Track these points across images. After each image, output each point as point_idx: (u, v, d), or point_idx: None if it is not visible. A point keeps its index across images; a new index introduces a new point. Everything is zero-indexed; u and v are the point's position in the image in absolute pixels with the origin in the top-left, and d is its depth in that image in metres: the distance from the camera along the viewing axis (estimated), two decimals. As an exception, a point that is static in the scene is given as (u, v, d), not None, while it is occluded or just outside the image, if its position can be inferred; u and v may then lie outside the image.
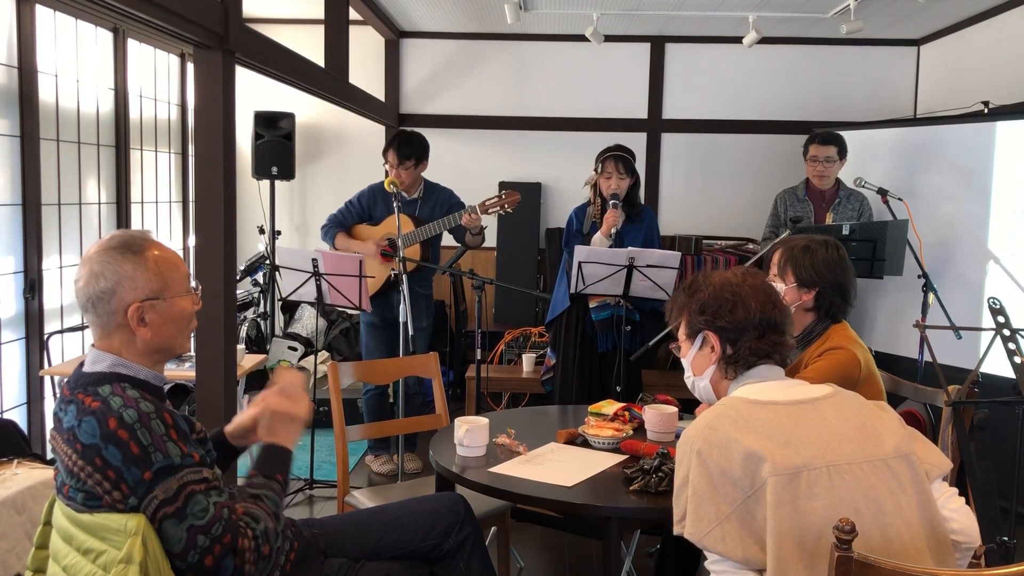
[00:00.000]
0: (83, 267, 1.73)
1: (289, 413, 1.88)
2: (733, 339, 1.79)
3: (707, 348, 1.84)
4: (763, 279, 1.87)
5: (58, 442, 1.68)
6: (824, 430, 1.62)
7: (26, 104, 4.02)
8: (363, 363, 3.31)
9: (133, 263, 1.71)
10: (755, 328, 1.78)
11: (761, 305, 1.79)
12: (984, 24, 5.17)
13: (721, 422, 1.63)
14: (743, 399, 1.70)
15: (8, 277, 4.02)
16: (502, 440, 2.49)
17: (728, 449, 1.58)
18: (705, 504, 1.56)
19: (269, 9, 5.91)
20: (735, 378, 1.81)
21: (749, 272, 1.88)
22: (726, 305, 1.80)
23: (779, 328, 1.80)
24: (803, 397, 1.70)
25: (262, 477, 1.80)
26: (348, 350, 5.76)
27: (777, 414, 1.64)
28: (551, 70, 6.25)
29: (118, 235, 1.76)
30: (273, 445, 1.86)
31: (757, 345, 1.78)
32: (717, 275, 1.88)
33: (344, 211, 4.31)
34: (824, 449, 1.58)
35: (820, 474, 1.55)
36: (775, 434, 1.60)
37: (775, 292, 1.85)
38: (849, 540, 1.33)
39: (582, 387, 4.00)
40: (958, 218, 4.48)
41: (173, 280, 1.75)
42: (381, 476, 4.43)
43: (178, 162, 5.77)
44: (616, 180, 3.86)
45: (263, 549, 1.67)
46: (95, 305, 1.71)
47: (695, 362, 1.88)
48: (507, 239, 6.14)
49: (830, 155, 4.43)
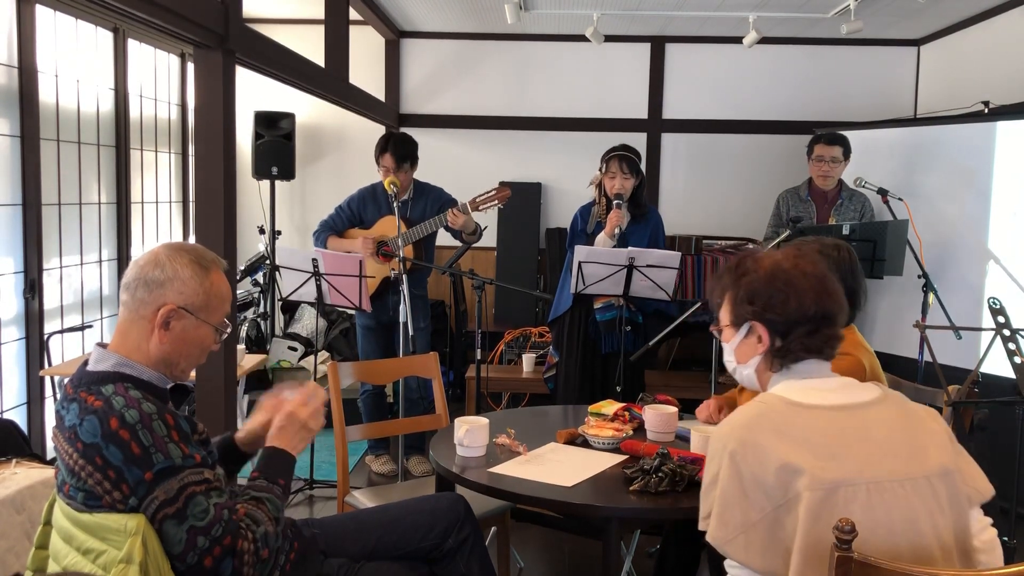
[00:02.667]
0: (150, 252, 1.78)
1: (306, 422, 1.91)
2: (783, 332, 1.65)
3: (753, 338, 1.69)
4: (817, 262, 1.71)
5: (59, 440, 1.68)
6: (868, 441, 1.53)
7: (26, 104, 4.02)
8: (363, 363, 3.31)
9: (193, 272, 1.75)
10: (809, 322, 1.64)
11: (817, 296, 1.64)
12: (984, 24, 5.17)
13: (759, 424, 1.54)
14: (785, 400, 1.60)
15: (8, 277, 4.02)
16: (502, 440, 2.49)
17: (763, 455, 1.50)
18: (732, 509, 1.50)
19: (269, 9, 5.91)
20: (780, 370, 1.68)
21: (802, 254, 1.72)
22: (778, 296, 1.65)
23: (833, 320, 1.67)
24: (849, 401, 1.59)
25: (265, 480, 1.81)
26: (348, 350, 5.76)
27: (820, 420, 1.55)
28: (551, 70, 6.25)
29: (197, 246, 1.83)
30: (278, 449, 1.87)
31: (808, 340, 1.65)
32: (767, 257, 1.71)
33: (335, 216, 4.31)
34: (865, 464, 1.49)
35: (858, 491, 1.47)
36: (815, 444, 1.50)
37: (830, 278, 1.69)
38: (849, 540, 1.33)
39: (584, 387, 3.99)
40: (958, 218, 4.48)
41: (214, 307, 1.79)
42: (381, 476, 4.43)
43: (178, 162, 5.77)
44: (620, 180, 3.85)
45: (262, 553, 1.67)
46: (139, 287, 1.73)
47: (740, 350, 1.74)
48: (507, 239, 6.14)
49: (835, 155, 4.42)
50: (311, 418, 1.92)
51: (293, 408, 1.91)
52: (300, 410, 1.91)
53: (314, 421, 1.92)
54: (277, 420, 1.90)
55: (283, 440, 1.88)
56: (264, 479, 1.81)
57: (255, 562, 1.65)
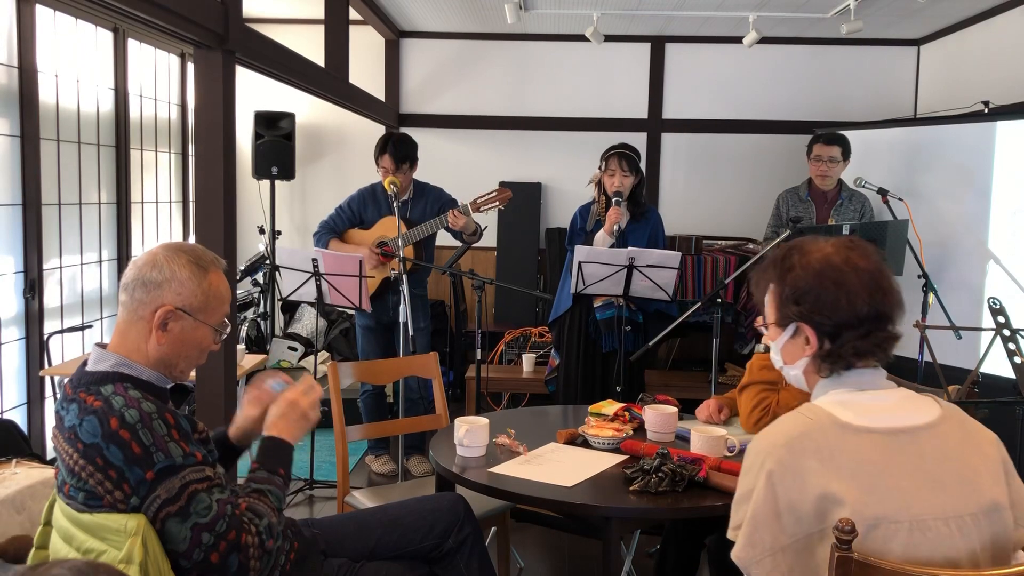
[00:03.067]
0: (148, 253, 1.77)
1: (306, 411, 1.90)
2: (833, 335, 1.52)
3: (800, 339, 1.56)
4: (871, 255, 1.55)
5: (59, 440, 1.68)
6: (917, 473, 1.42)
7: (26, 104, 4.02)
8: (363, 363, 3.31)
9: (191, 272, 1.74)
10: (861, 324, 1.50)
11: (871, 295, 1.49)
12: (984, 24, 5.17)
13: (802, 445, 1.43)
14: (834, 418, 1.46)
15: (8, 277, 4.02)
16: (502, 440, 2.49)
17: (803, 482, 1.40)
18: (762, 531, 1.42)
19: (269, 9, 5.91)
20: (829, 376, 1.55)
21: (855, 245, 1.56)
22: (827, 296, 1.50)
23: (889, 319, 1.52)
24: (904, 424, 1.46)
25: (265, 471, 1.80)
26: (348, 350, 5.76)
27: (870, 447, 1.43)
28: (551, 70, 6.25)
29: (196, 246, 1.82)
30: (276, 439, 1.86)
31: (861, 344, 1.51)
32: (816, 250, 1.56)
33: (335, 217, 4.30)
34: (911, 499, 1.39)
35: (900, 529, 1.38)
36: (861, 474, 1.40)
37: (886, 275, 1.53)
38: (849, 540, 1.33)
39: (585, 387, 4.00)
40: (958, 218, 4.48)
41: (213, 308, 1.78)
42: (381, 476, 4.43)
43: (178, 162, 5.77)
44: (620, 177, 3.86)
45: (267, 544, 1.67)
46: (137, 288, 1.73)
47: (786, 351, 1.61)
48: (507, 239, 6.14)
49: (834, 155, 4.43)
50: (311, 409, 1.92)
51: (294, 396, 1.91)
52: (301, 399, 1.91)
53: (313, 412, 1.92)
54: (276, 408, 1.89)
55: (282, 428, 1.87)
56: (264, 470, 1.80)
57: (261, 555, 1.66)
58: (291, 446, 1.87)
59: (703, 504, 2.09)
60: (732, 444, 2.35)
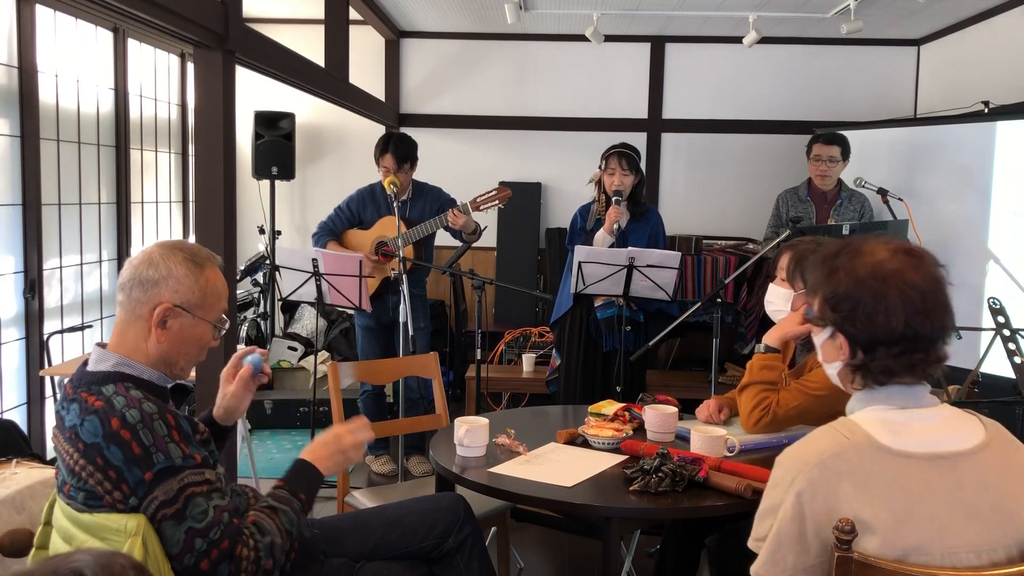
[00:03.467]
0: (144, 252, 1.77)
1: (348, 448, 1.91)
2: (866, 348, 1.44)
3: (837, 342, 1.48)
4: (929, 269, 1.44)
5: (60, 440, 1.68)
6: (954, 503, 1.36)
7: (26, 104, 4.02)
8: (363, 363, 3.31)
9: (188, 269, 1.74)
10: (896, 343, 1.41)
11: (909, 314, 1.40)
12: (984, 24, 5.17)
13: (836, 466, 1.37)
14: (872, 439, 1.39)
15: (8, 277, 4.02)
16: (502, 440, 2.49)
17: (833, 505, 1.35)
18: (785, 550, 1.38)
19: (269, 9, 5.91)
20: (863, 388, 1.48)
21: (913, 256, 1.45)
22: (863, 307, 1.42)
23: (927, 342, 1.42)
24: (945, 450, 1.39)
25: (286, 491, 1.81)
26: (348, 350, 5.76)
27: (907, 472, 1.37)
28: (551, 70, 6.25)
29: (191, 244, 1.82)
30: (309, 464, 1.87)
31: (891, 364, 1.42)
32: (869, 252, 1.45)
33: (334, 217, 4.30)
34: (946, 531, 1.34)
35: (931, 560, 1.34)
36: (895, 502, 1.35)
37: (938, 294, 1.43)
38: (849, 540, 1.33)
39: (586, 387, 4.00)
40: (958, 218, 4.48)
41: (211, 304, 1.78)
42: (381, 476, 4.43)
43: (178, 162, 5.77)
44: (620, 176, 3.86)
45: (265, 563, 1.66)
46: (134, 287, 1.73)
47: (825, 349, 1.54)
48: (507, 239, 6.14)
49: (833, 155, 4.42)
50: (353, 448, 1.92)
51: (342, 430, 1.92)
52: (347, 435, 1.92)
53: (354, 452, 1.93)
54: (322, 436, 1.92)
55: (319, 456, 1.89)
56: (287, 490, 1.81)
57: (255, 570, 1.65)
58: (321, 475, 1.88)
59: (703, 504, 2.09)
60: (732, 444, 2.35)
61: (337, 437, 1.91)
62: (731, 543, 2.38)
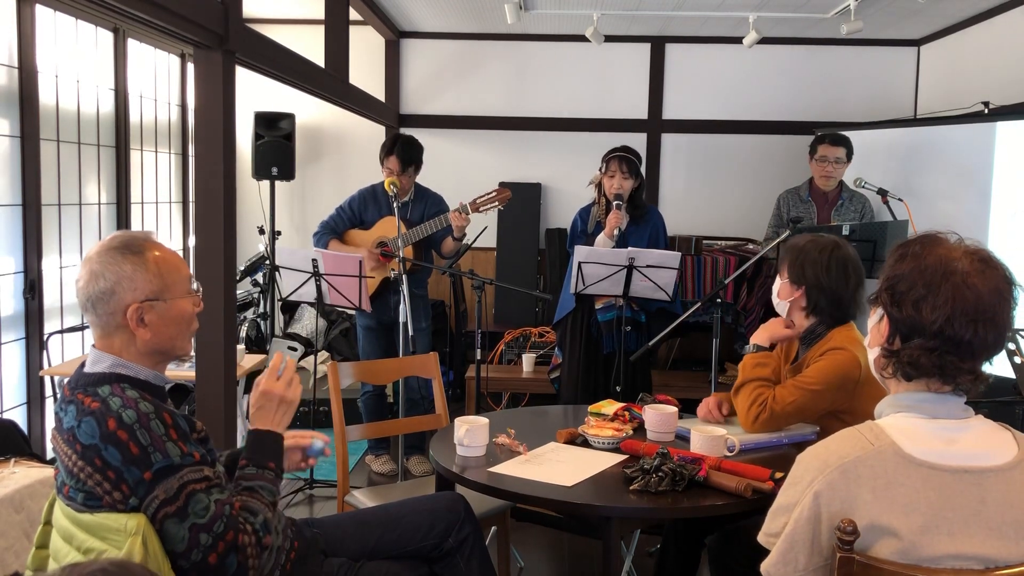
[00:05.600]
0: (84, 267, 1.73)
1: (281, 395, 1.85)
2: (904, 335, 1.42)
3: (881, 324, 1.47)
4: (997, 281, 1.39)
5: (58, 442, 1.68)
6: (977, 519, 1.34)
7: (26, 104, 4.02)
8: (363, 363, 3.30)
9: (133, 264, 1.70)
10: (932, 337, 1.38)
11: (955, 314, 1.36)
12: (984, 24, 5.18)
13: (858, 472, 1.35)
14: (897, 448, 1.37)
15: (8, 277, 4.02)
16: (502, 440, 2.49)
17: (852, 509, 1.34)
18: (797, 550, 1.38)
19: (269, 9, 5.92)
20: (891, 376, 1.46)
21: (988, 264, 1.40)
22: (914, 293, 1.39)
23: (965, 348, 1.38)
24: (972, 465, 1.36)
25: (253, 467, 1.78)
26: (348, 350, 5.76)
27: (929, 483, 1.34)
28: (551, 70, 6.26)
29: (119, 235, 1.75)
30: (260, 431, 1.83)
31: (921, 358, 1.40)
32: (942, 247, 1.42)
33: (335, 217, 4.31)
34: (965, 545, 1.33)
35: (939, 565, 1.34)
36: (914, 513, 1.33)
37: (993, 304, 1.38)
38: (851, 541, 1.33)
39: (587, 387, 3.99)
40: (958, 218, 4.48)
41: (173, 281, 1.74)
42: (381, 476, 4.43)
43: (178, 162, 5.77)
44: (620, 180, 3.85)
45: (264, 540, 1.67)
46: (95, 305, 1.71)
47: (872, 331, 1.52)
48: (507, 239, 6.14)
49: (839, 156, 4.42)
50: (287, 390, 1.85)
51: (265, 385, 1.84)
52: (274, 385, 1.85)
53: (291, 391, 1.86)
54: (252, 401, 1.84)
55: (264, 420, 1.83)
56: (253, 466, 1.78)
57: (259, 553, 1.65)
58: (279, 436, 1.84)
59: (703, 504, 2.08)
60: (732, 444, 2.35)
61: (266, 395, 1.83)
62: (731, 543, 2.38)
